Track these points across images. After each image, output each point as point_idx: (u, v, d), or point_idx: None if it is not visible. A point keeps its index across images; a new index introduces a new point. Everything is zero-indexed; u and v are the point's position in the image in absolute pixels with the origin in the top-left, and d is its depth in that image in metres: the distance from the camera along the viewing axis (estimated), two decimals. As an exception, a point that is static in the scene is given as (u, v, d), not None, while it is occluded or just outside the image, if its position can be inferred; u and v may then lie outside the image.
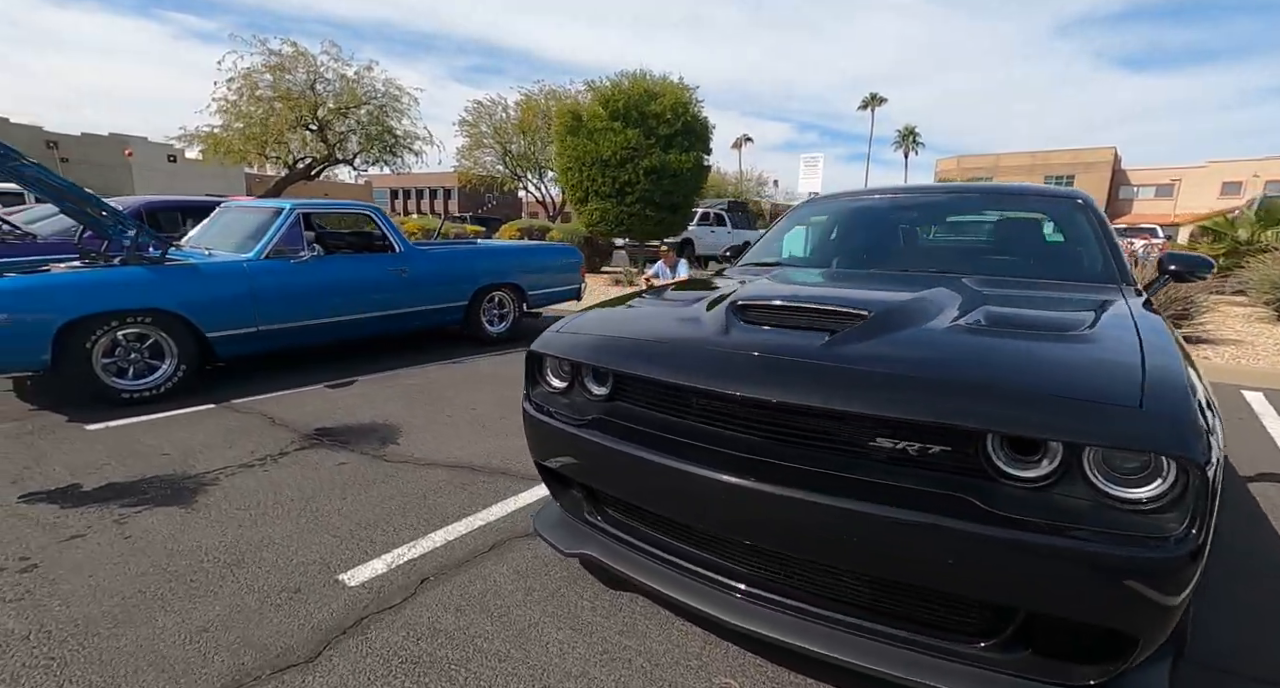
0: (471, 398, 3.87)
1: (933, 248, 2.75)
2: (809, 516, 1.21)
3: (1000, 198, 2.76)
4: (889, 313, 1.47)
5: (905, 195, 2.96)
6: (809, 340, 1.37)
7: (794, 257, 2.68)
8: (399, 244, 4.99)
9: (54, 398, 3.67)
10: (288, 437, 3.11)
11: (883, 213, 2.82)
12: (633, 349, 1.60)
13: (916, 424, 1.12)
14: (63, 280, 3.44)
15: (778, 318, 1.56)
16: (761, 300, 1.67)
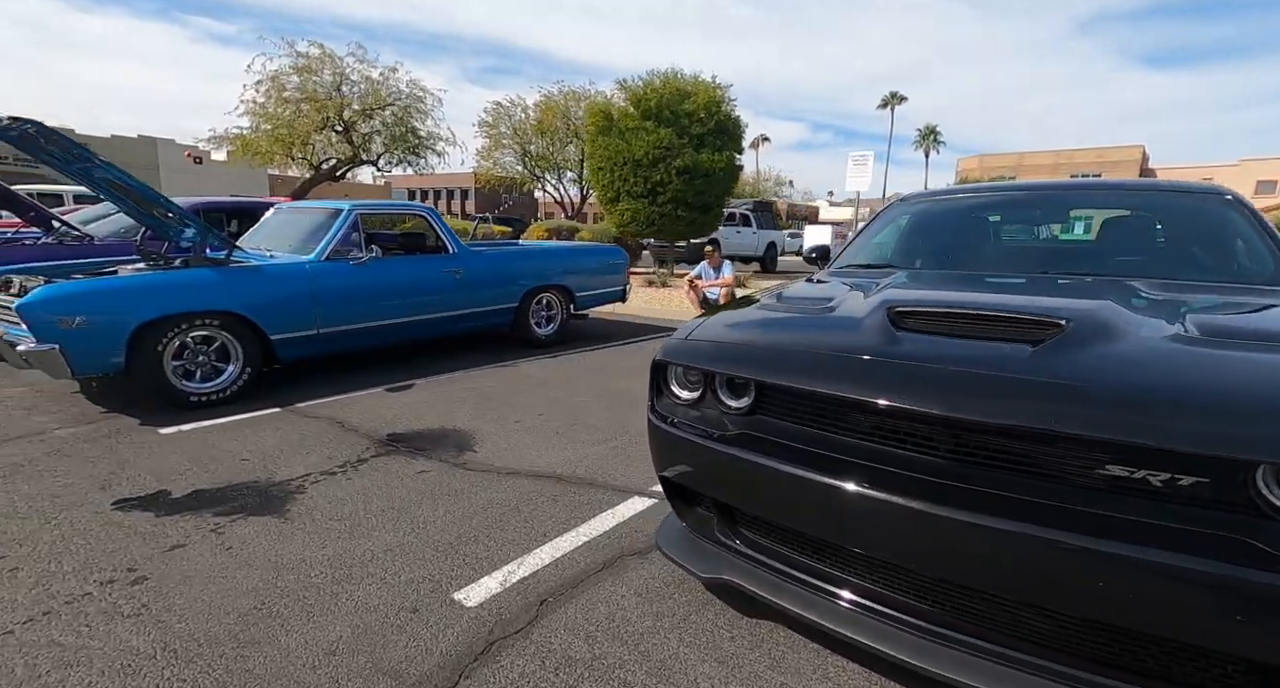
0: (534, 403, 3.80)
1: (1067, 249, 2.57)
2: (1022, 550, 1.10)
3: (1131, 194, 2.59)
4: (1092, 322, 1.34)
5: (1021, 193, 2.81)
6: (1010, 352, 1.26)
7: (901, 259, 2.55)
8: (452, 245, 4.95)
9: (122, 401, 3.67)
10: (362, 443, 3.05)
11: (1001, 211, 2.68)
12: (782, 359, 1.51)
13: (1170, 453, 1.01)
14: (137, 282, 3.43)
15: (950, 326, 1.45)
16: (923, 306, 1.56)
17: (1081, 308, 1.47)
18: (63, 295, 3.13)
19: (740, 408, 1.57)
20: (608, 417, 3.54)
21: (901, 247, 2.66)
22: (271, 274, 3.90)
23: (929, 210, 2.88)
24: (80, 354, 3.16)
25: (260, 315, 3.76)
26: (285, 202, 5.99)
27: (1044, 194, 2.74)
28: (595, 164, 12.26)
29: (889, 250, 2.67)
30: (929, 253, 2.54)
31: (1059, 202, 2.68)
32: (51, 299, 3.08)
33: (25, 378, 4.14)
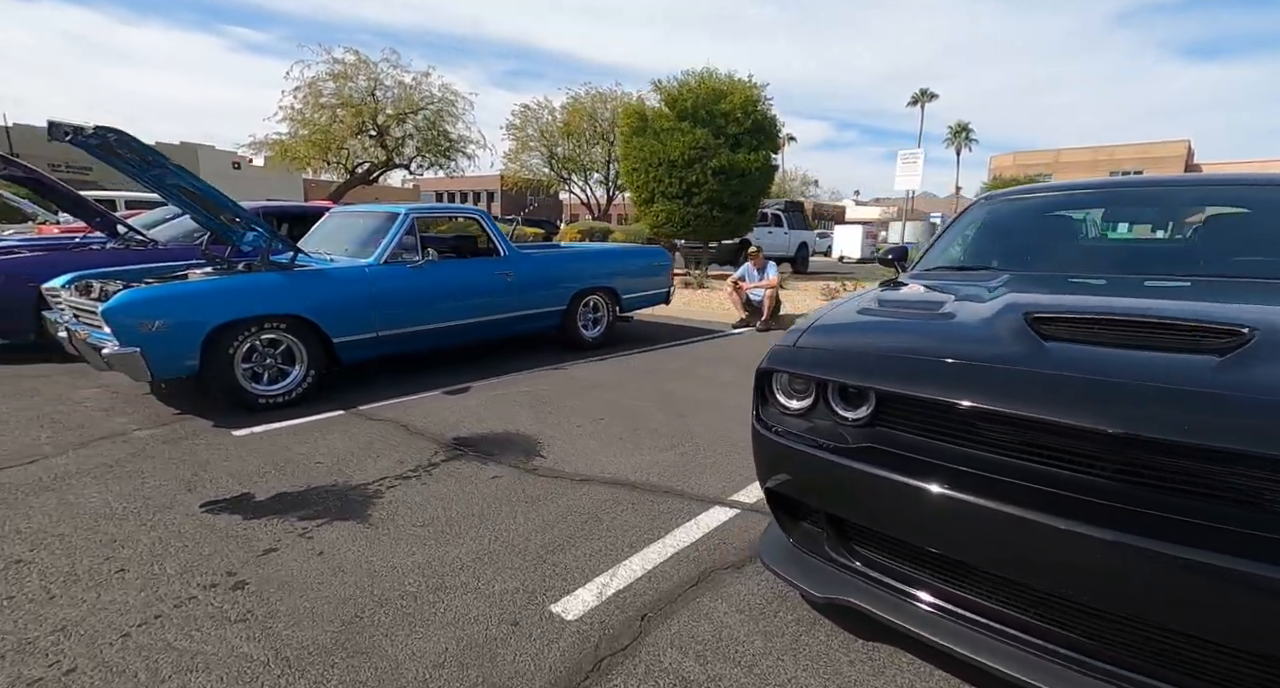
0: (591, 407, 3.77)
1: (1178, 248, 2.40)
2: (1205, 581, 1.02)
3: (1252, 189, 2.41)
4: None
5: (1127, 190, 2.67)
6: (1192, 363, 1.17)
7: (999, 260, 2.43)
8: (504, 248, 4.96)
9: (192, 403, 3.76)
10: (429, 447, 3.06)
11: (1103, 209, 2.55)
12: (909, 368, 1.43)
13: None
14: (211, 286, 3.50)
15: (1106, 335, 1.36)
16: (1067, 312, 1.47)
17: (1261, 315, 1.36)
18: (144, 300, 3.21)
19: (857, 419, 1.51)
20: (668, 422, 3.49)
21: (995, 247, 2.55)
22: (333, 278, 3.96)
23: (1021, 209, 2.75)
24: (159, 357, 3.24)
25: (323, 318, 3.82)
26: (322, 205, 6.09)
27: (1152, 190, 2.60)
28: (629, 165, 12.24)
29: (981, 251, 2.56)
30: (1029, 254, 2.42)
31: (1168, 198, 2.53)
32: (134, 303, 3.17)
33: (99, 379, 4.27)
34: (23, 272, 4.70)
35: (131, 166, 3.77)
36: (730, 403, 3.86)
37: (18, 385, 4.09)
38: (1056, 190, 2.80)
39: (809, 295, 9.29)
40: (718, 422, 3.49)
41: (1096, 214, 2.57)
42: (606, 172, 28.01)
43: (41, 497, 2.46)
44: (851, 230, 29.08)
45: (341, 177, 24.60)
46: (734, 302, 7.07)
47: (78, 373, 4.42)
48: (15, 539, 2.11)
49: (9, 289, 4.61)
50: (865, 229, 29.83)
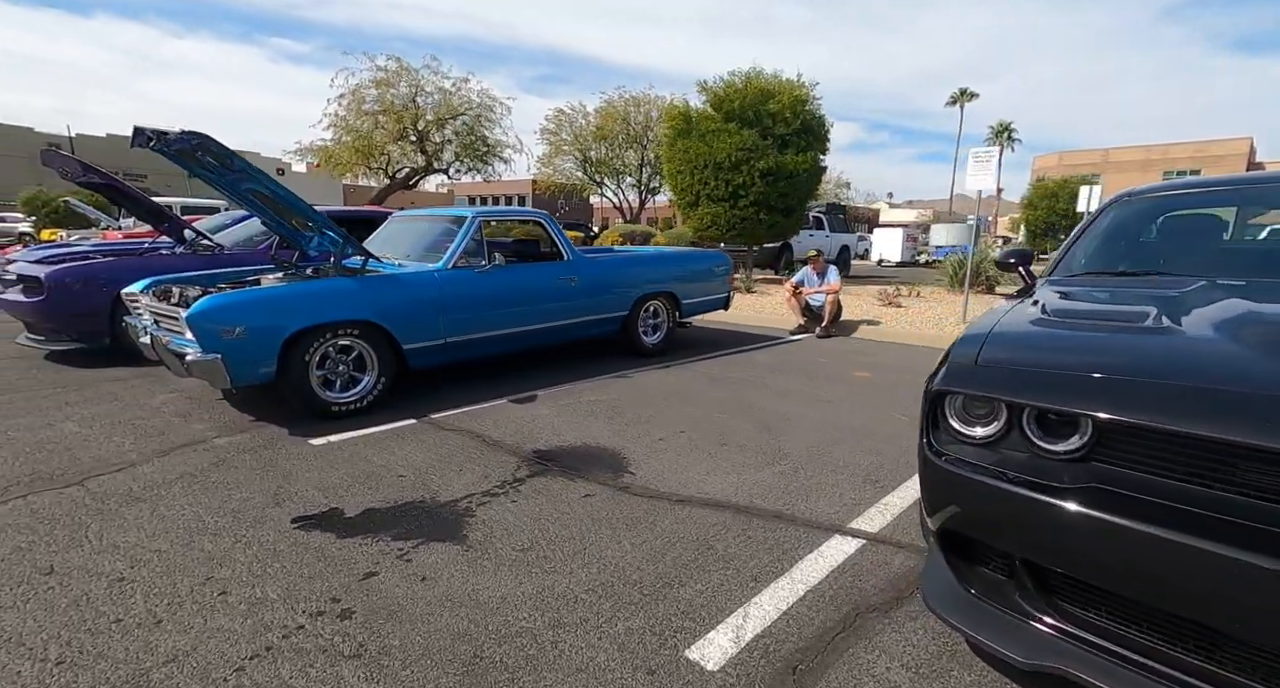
0: (668, 418, 3.60)
1: None
2: None
3: None
4: None
5: None
6: None
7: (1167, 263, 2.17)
8: (567, 252, 4.85)
9: (265, 409, 3.72)
10: (511, 460, 2.93)
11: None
12: (1156, 394, 1.21)
13: None
14: (289, 292, 3.46)
15: None
16: None
17: None
18: (226, 305, 3.18)
19: (1068, 452, 1.29)
20: (755, 436, 3.29)
21: (1156, 249, 2.29)
22: (404, 283, 3.89)
23: (1168, 205, 2.48)
24: (239, 363, 3.19)
25: (395, 324, 3.74)
26: (373, 210, 6.08)
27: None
28: (674, 168, 12.08)
29: (1138, 254, 2.30)
30: (1199, 256, 2.15)
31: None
32: (216, 309, 3.13)
33: (173, 384, 4.30)
34: (99, 277, 4.78)
35: (209, 171, 3.77)
36: (815, 417, 3.64)
37: (97, 390, 4.14)
38: (1213, 186, 2.51)
39: (863, 300, 8.97)
40: (809, 438, 3.28)
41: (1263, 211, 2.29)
42: (639, 175, 27.98)
43: (134, 508, 2.41)
44: (891, 233, 28.31)
45: (381, 182, 25.13)
46: (792, 307, 6.82)
47: (152, 377, 4.46)
48: (115, 555, 2.04)
49: (86, 294, 4.70)
50: (905, 232, 29.03)
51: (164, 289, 3.87)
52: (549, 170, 28.41)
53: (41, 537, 2.17)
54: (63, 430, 3.33)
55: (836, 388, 4.36)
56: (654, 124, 26.47)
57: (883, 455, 2.99)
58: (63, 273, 4.61)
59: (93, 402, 3.87)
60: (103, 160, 36.33)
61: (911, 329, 6.60)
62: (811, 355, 5.58)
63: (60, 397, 3.97)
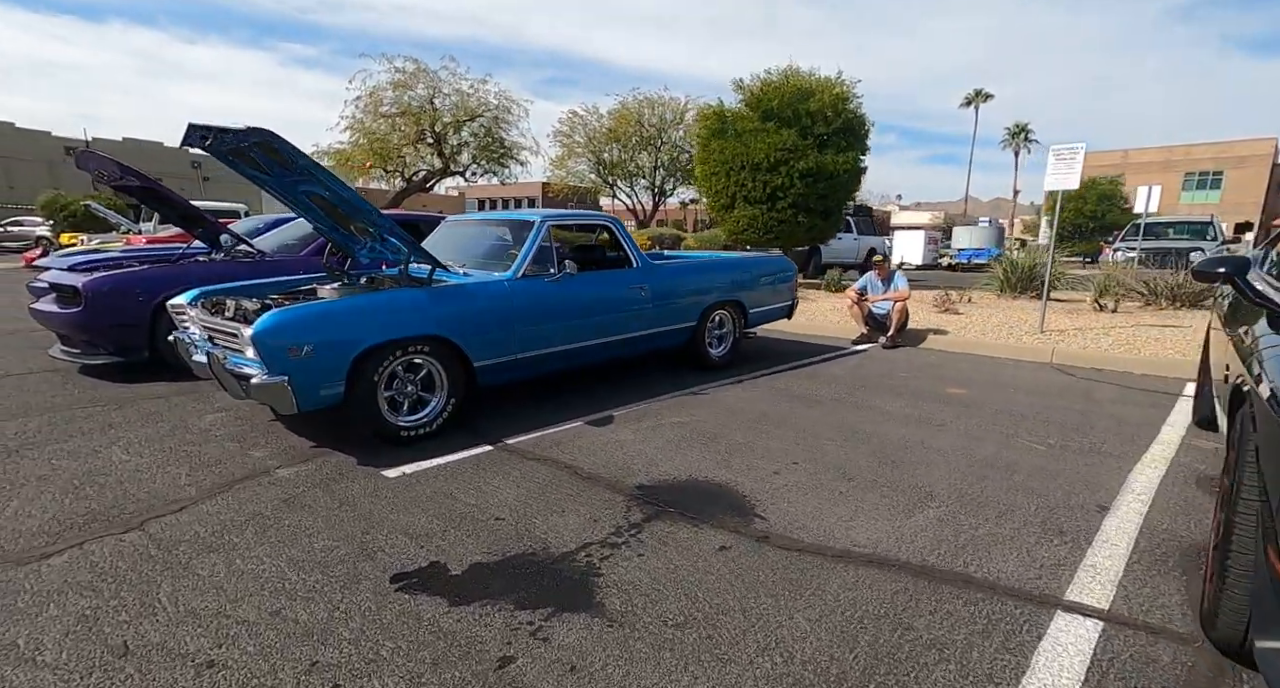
0: (772, 445, 3.25)
1: None
2: None
3: None
4: None
5: None
6: None
7: None
8: (637, 258, 4.51)
9: (324, 432, 3.40)
10: (616, 500, 2.59)
11: None
12: None
13: None
14: (358, 305, 3.14)
15: None
16: None
17: None
18: (293, 321, 2.86)
19: None
20: (881, 469, 2.93)
21: None
22: (474, 294, 3.56)
23: None
24: (306, 386, 2.87)
25: (466, 339, 3.41)
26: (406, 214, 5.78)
27: None
28: (708, 169, 11.71)
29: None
30: None
31: None
32: (284, 325, 2.81)
33: (217, 401, 3.99)
34: (134, 285, 4.49)
35: (263, 173, 3.47)
36: (936, 445, 3.27)
37: (138, 409, 3.84)
38: None
39: (917, 307, 8.56)
40: (943, 472, 2.90)
41: None
42: (653, 177, 27.69)
43: (207, 560, 2.08)
44: (913, 236, 27.87)
45: (396, 185, 24.98)
46: (854, 316, 6.44)
47: (193, 394, 4.17)
48: (196, 628, 1.72)
49: (121, 304, 4.41)
50: (926, 234, 28.58)
51: (215, 301, 3.56)
52: (562, 172, 28.18)
53: (108, 601, 1.85)
54: (110, 459, 3.02)
55: (938, 408, 3.99)
56: (668, 126, 26.19)
57: (1046, 497, 2.62)
58: (101, 282, 4.33)
59: (136, 423, 3.57)
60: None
61: (983, 338, 6.20)
62: (888, 369, 5.21)
63: (101, 417, 3.68)
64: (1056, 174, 5.76)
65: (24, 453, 3.08)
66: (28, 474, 2.82)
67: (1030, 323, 6.87)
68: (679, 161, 27.24)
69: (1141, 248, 10.81)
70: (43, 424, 3.52)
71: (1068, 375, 4.98)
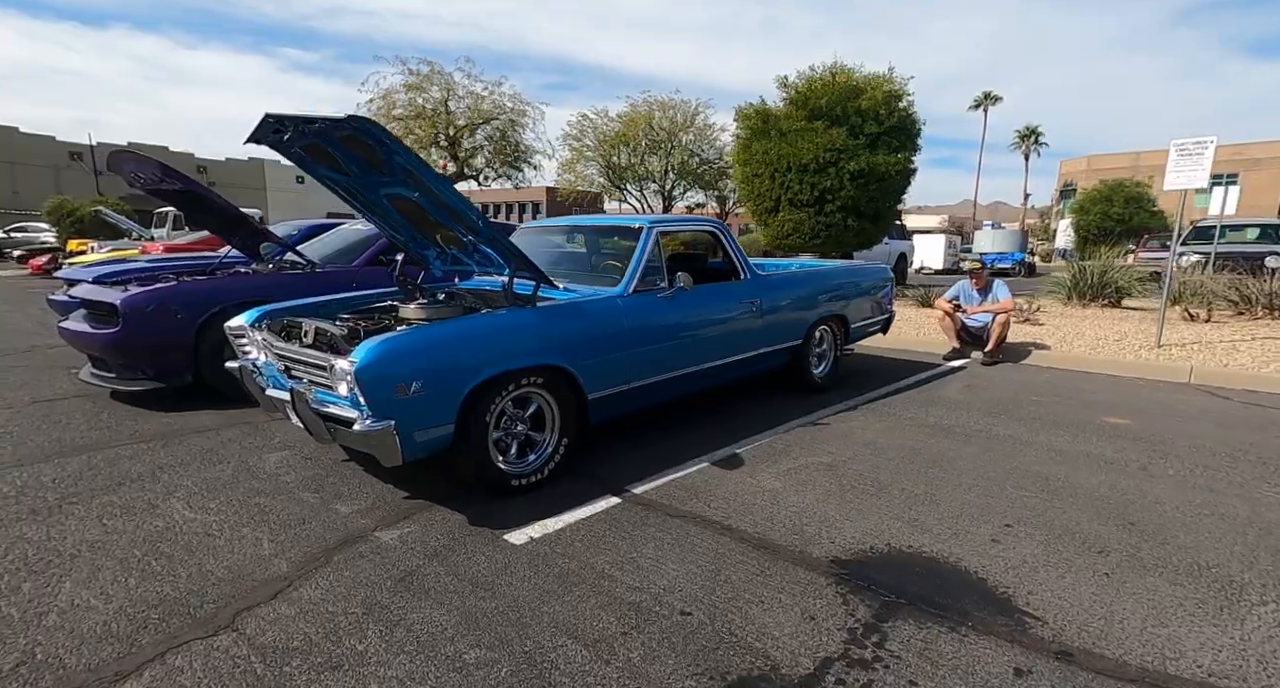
0: (957, 498, 2.70)
1: None
2: None
3: None
4: None
5: None
6: None
7: None
8: (745, 268, 3.99)
9: (407, 478, 2.88)
10: (815, 581, 2.05)
11: None
12: None
13: None
14: (468, 331, 2.61)
15: None
16: None
17: None
18: (401, 352, 2.33)
19: None
20: (1121, 534, 2.36)
21: None
22: (587, 314, 3.04)
23: None
24: (413, 431, 2.35)
25: (580, 367, 2.89)
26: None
27: None
28: (749, 172, 11.19)
29: None
30: None
31: None
32: (390, 357, 2.28)
33: (274, 435, 3.47)
34: (177, 302, 3.98)
35: (340, 172, 2.98)
36: (1161, 497, 2.71)
37: (188, 446, 3.32)
38: None
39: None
40: (1207, 538, 2.33)
41: None
42: (664, 181, 27.28)
43: (332, 682, 1.56)
44: (933, 240, 27.40)
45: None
46: (945, 329, 5.91)
47: (243, 425, 3.65)
48: None
49: (164, 323, 3.89)
50: (947, 239, 28.13)
51: (284, 324, 3.04)
52: (571, 176, 27.78)
53: (217, 766, 1.33)
54: (171, 516, 2.50)
55: (1114, 445, 3.40)
56: (679, 129, 25.77)
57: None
58: (141, 299, 3.81)
59: (191, 465, 3.05)
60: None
61: (1092, 354, 5.67)
62: (1010, 392, 4.66)
63: (148, 457, 3.16)
64: (1180, 172, 5.24)
65: (68, 508, 2.56)
66: (78, 540, 2.30)
67: (1133, 335, 6.32)
68: (689, 165, 26.83)
69: (1217, 251, 10.24)
70: (83, 467, 3.01)
71: (1224, 399, 4.43)
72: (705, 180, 27.71)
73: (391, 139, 2.40)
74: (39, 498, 2.65)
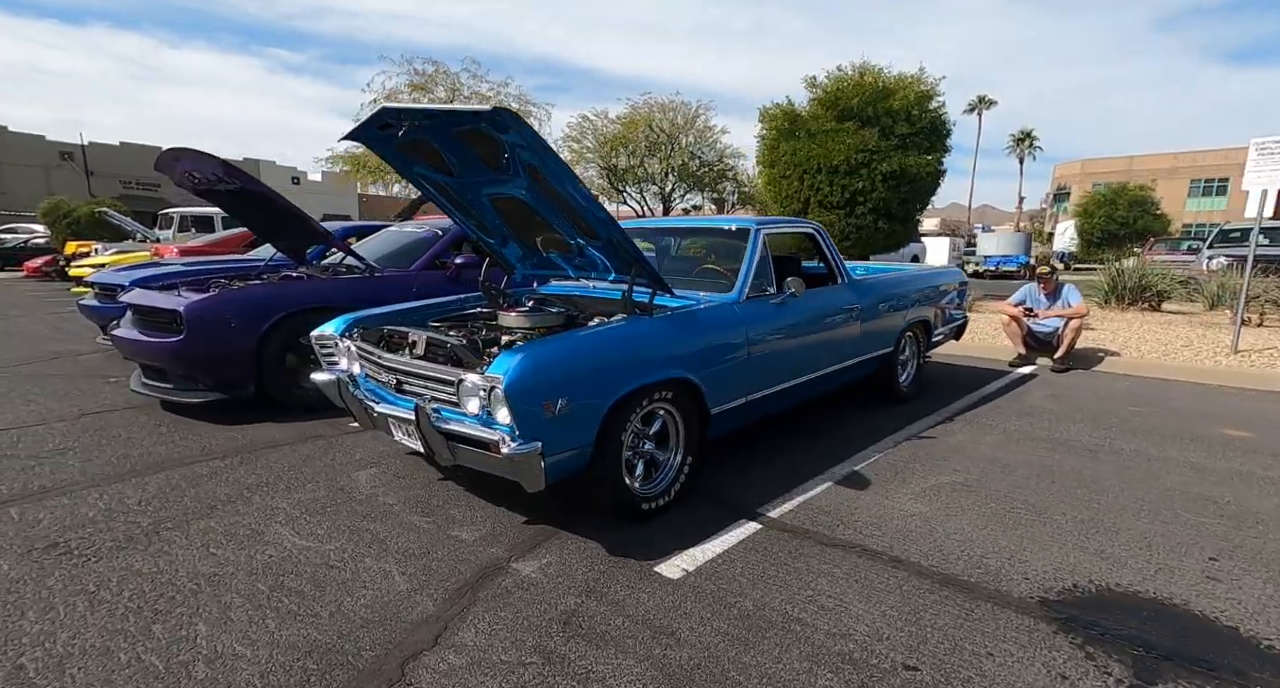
0: (1129, 524, 2.51)
1: None
2: None
3: None
4: None
5: None
6: None
7: None
8: (842, 273, 3.80)
9: (522, 500, 2.65)
10: (1036, 628, 1.84)
11: None
12: None
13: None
14: (608, 339, 2.40)
15: None
16: None
17: None
18: (544, 366, 2.11)
19: None
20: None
21: None
22: (706, 323, 2.83)
23: None
24: (555, 453, 2.14)
25: (706, 380, 2.69)
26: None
27: None
28: (776, 173, 11.04)
29: None
30: None
31: None
32: (537, 371, 2.07)
33: (356, 450, 3.25)
34: (239, 308, 3.73)
35: (443, 173, 2.77)
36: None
37: (267, 464, 3.08)
38: None
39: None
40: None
41: None
42: (664, 183, 27.16)
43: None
44: (939, 242, 27.48)
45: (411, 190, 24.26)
46: (1010, 334, 5.76)
47: (315, 439, 3.44)
48: None
49: (227, 330, 3.64)
50: (951, 241, 28.22)
51: (382, 333, 2.82)
52: (571, 178, 27.52)
53: None
54: (281, 544, 2.28)
55: (1254, 461, 3.22)
56: (680, 131, 25.65)
57: None
58: (208, 305, 3.56)
59: (279, 486, 2.81)
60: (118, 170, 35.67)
61: (1166, 360, 5.53)
62: (1097, 402, 4.48)
63: (229, 476, 2.92)
64: (1260, 171, 5.11)
65: (166, 535, 2.33)
66: (192, 572, 2.07)
67: (1198, 340, 6.20)
68: (689, 167, 26.72)
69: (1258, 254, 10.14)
70: (164, 486, 2.77)
71: (1328, 409, 4.31)
72: (705, 182, 27.61)
73: (533, 136, 2.19)
74: (131, 523, 2.41)
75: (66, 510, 2.52)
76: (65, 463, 3.03)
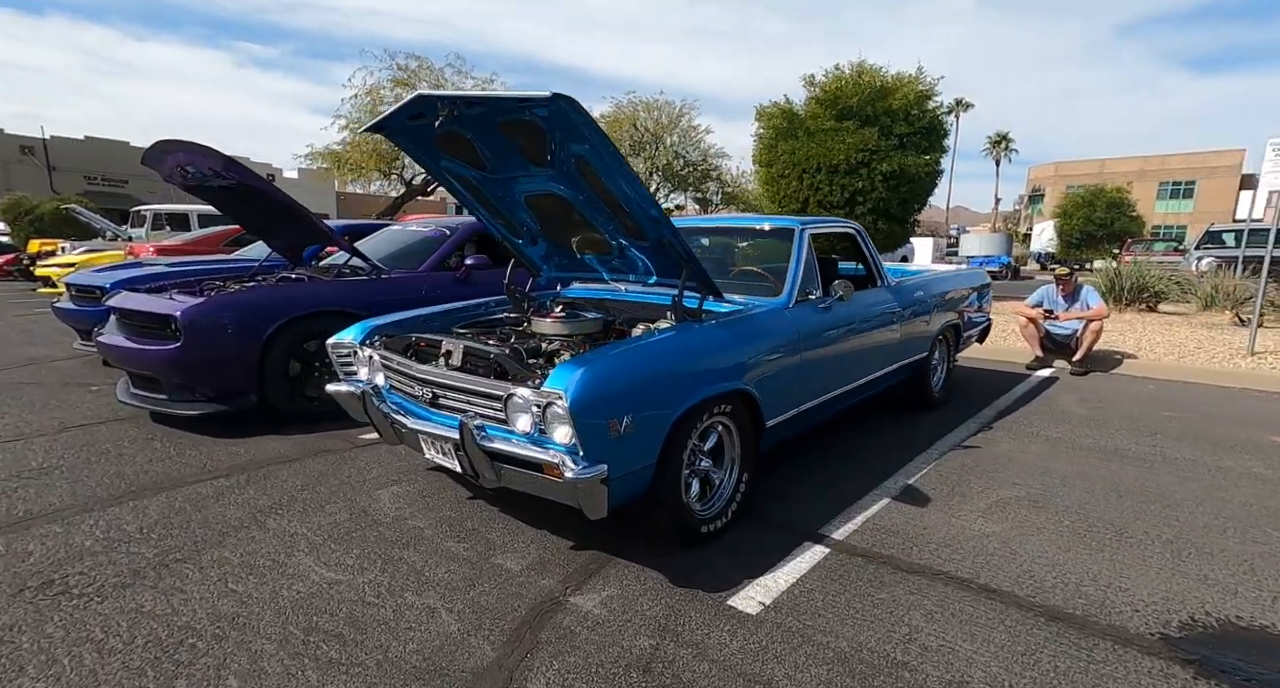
0: (1218, 543, 2.38)
1: None
2: None
3: None
4: None
5: None
6: None
7: None
8: (882, 275, 3.66)
9: (557, 520, 2.44)
10: (1171, 672, 1.68)
11: None
12: None
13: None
14: (670, 349, 2.20)
15: None
16: None
17: None
18: (608, 380, 1.90)
19: None
20: None
21: None
22: (760, 330, 2.64)
23: None
24: (619, 475, 1.93)
25: (763, 391, 2.51)
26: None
27: None
28: (775, 172, 10.95)
29: None
30: None
31: None
32: (599, 387, 1.86)
33: (374, 468, 3.00)
34: (241, 312, 3.45)
35: (475, 168, 2.56)
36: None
37: (278, 483, 2.82)
38: None
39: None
40: None
41: None
42: (649, 183, 27.05)
43: None
44: (924, 243, 27.82)
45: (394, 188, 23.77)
46: (1027, 336, 5.69)
47: (323, 454, 3.18)
48: None
49: (228, 336, 3.35)
50: (935, 242, 28.60)
51: (407, 342, 2.59)
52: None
53: None
54: (308, 576, 2.04)
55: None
56: (664, 130, 25.56)
57: None
58: (207, 310, 3.27)
59: (291, 508, 2.56)
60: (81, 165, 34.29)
61: (1182, 363, 5.51)
62: (1128, 406, 4.40)
63: (236, 496, 2.66)
64: (1277, 172, 5.11)
65: (175, 566, 2.07)
66: (212, 613, 1.82)
67: (1209, 341, 6.22)
68: (673, 167, 26.63)
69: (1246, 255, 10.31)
70: (166, 510, 2.50)
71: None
72: (689, 182, 27.56)
73: (592, 125, 1.98)
74: (134, 554, 2.14)
75: (59, 540, 2.24)
76: (52, 484, 2.74)
